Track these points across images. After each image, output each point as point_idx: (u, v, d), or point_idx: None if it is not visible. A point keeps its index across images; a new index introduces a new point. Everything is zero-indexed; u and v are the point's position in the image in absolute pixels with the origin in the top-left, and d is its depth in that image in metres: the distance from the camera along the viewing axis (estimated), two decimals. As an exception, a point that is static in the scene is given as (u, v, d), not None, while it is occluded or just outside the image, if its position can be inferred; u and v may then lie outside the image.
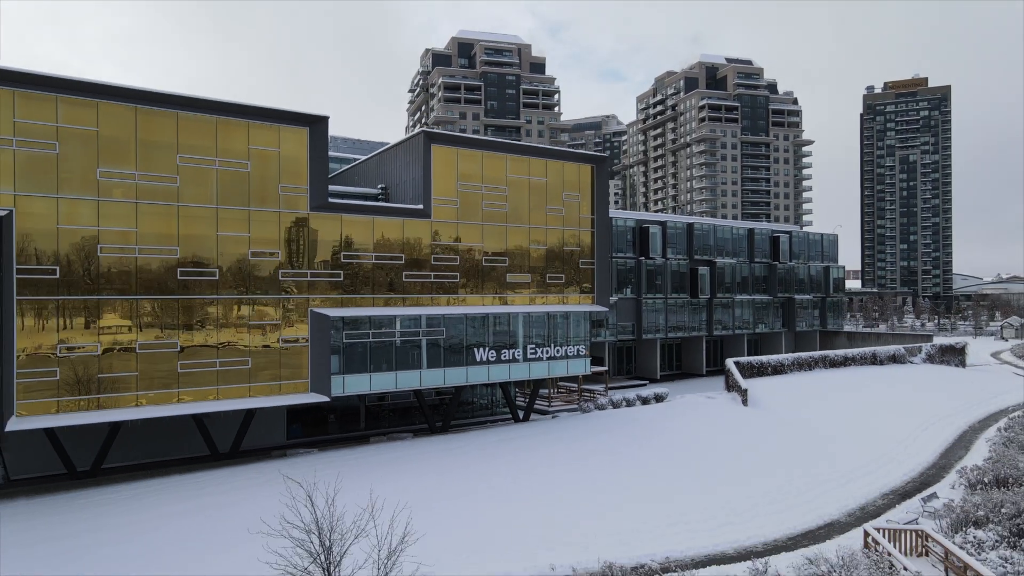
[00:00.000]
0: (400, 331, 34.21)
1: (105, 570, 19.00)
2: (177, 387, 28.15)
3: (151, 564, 19.43)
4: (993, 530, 22.28)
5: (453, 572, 18.43)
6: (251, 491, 25.63)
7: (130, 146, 27.13)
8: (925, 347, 67.85)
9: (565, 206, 40.90)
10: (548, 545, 20.61)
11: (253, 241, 30.02)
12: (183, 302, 28.43)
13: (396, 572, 13.99)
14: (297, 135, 30.84)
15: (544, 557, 19.40)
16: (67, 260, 26.00)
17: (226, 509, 23.63)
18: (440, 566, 18.36)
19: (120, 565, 19.37)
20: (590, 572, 18.40)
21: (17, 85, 24.91)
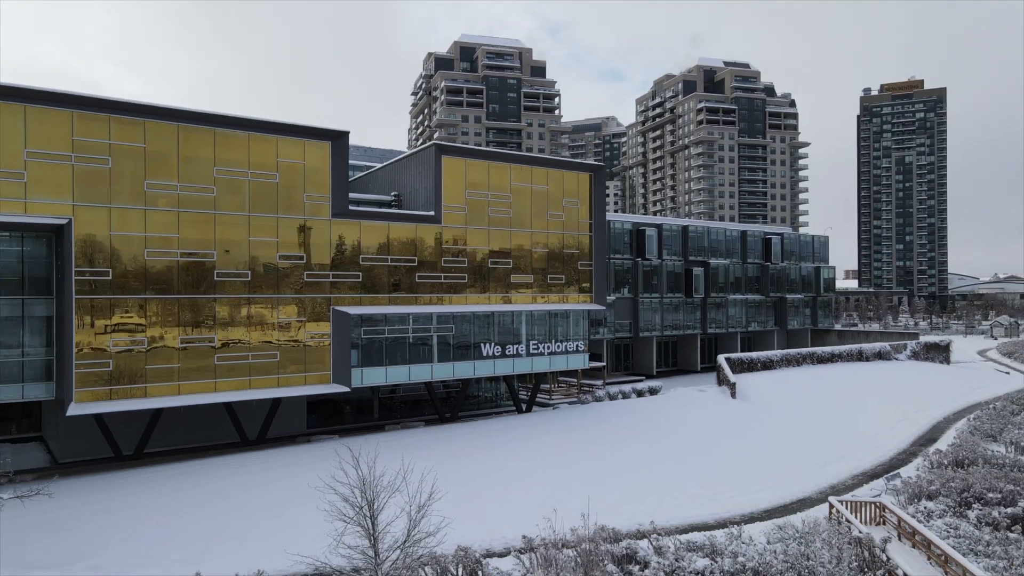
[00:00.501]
0: (413, 328, 37.19)
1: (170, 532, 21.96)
2: (214, 378, 31.13)
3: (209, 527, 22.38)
4: (943, 502, 25.24)
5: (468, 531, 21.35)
6: (286, 469, 28.61)
7: (173, 160, 30.10)
8: (910, 344, 70.79)
9: (565, 211, 43.87)
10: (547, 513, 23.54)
11: (281, 245, 32.99)
12: (220, 300, 31.39)
13: (424, 523, 16.91)
14: (320, 148, 33.81)
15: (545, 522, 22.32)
16: (118, 263, 28.97)
17: (268, 483, 26.60)
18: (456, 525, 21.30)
19: (179, 527, 22.33)
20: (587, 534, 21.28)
21: (75, 107, 27.88)
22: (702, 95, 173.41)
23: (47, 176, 27.40)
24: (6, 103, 26.74)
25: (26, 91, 27.03)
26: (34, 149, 27.21)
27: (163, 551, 20.70)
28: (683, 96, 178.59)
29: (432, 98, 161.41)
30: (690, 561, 20.01)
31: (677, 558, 20.23)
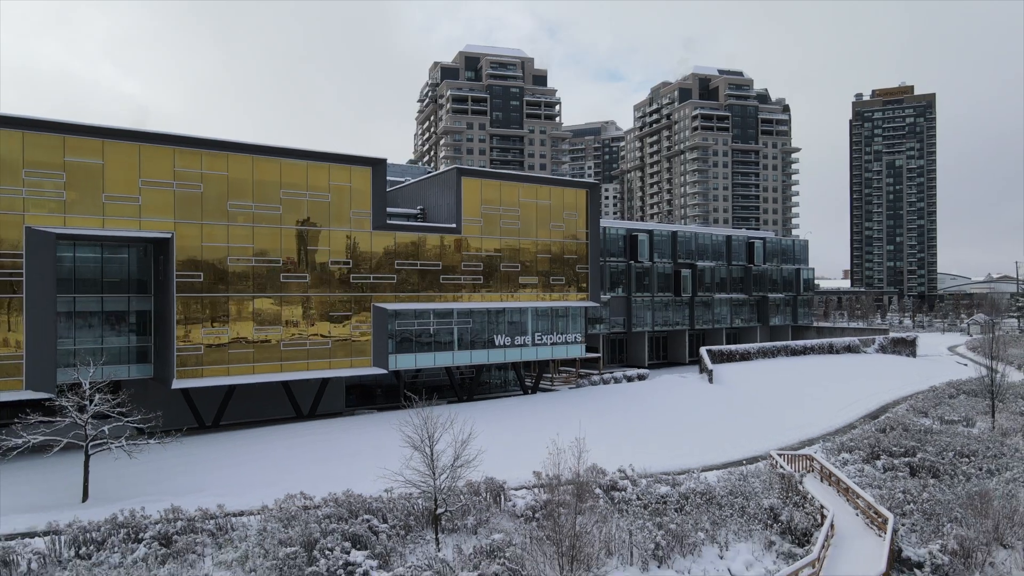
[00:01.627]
0: (436, 321, 44.42)
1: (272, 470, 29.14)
2: (280, 360, 38.36)
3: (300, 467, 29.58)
4: (857, 454, 32.46)
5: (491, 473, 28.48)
6: (347, 431, 35.89)
7: (248, 185, 37.33)
8: (878, 339, 78.00)
9: (565, 222, 51.09)
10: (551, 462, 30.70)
11: (332, 253, 40.23)
12: (284, 298, 38.61)
13: (465, 454, 24.02)
14: (363, 173, 41.03)
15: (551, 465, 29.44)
16: (207, 268, 36.20)
17: (333, 442, 33.84)
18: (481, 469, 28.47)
19: (275, 468, 29.52)
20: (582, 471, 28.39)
21: (176, 144, 35.10)
22: (697, 102, 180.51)
23: (156, 200, 34.62)
24: (124, 143, 33.96)
25: (141, 133, 34.29)
26: (147, 178, 34.44)
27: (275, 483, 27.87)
28: (679, 103, 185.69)
29: (438, 106, 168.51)
30: (656, 489, 27.23)
31: (647, 487, 27.45)
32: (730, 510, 25.86)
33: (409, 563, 21.14)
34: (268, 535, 22.14)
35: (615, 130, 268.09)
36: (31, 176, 31.73)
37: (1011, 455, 34.18)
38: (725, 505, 26.28)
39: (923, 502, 26.61)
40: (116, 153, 33.68)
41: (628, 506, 26.36)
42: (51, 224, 31.99)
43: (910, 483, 28.82)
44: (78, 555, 21.26)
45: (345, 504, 24.29)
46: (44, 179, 32.02)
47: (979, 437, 37.61)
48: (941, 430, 39.06)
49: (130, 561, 20.89)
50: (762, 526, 25.22)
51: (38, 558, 20.87)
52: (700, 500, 26.54)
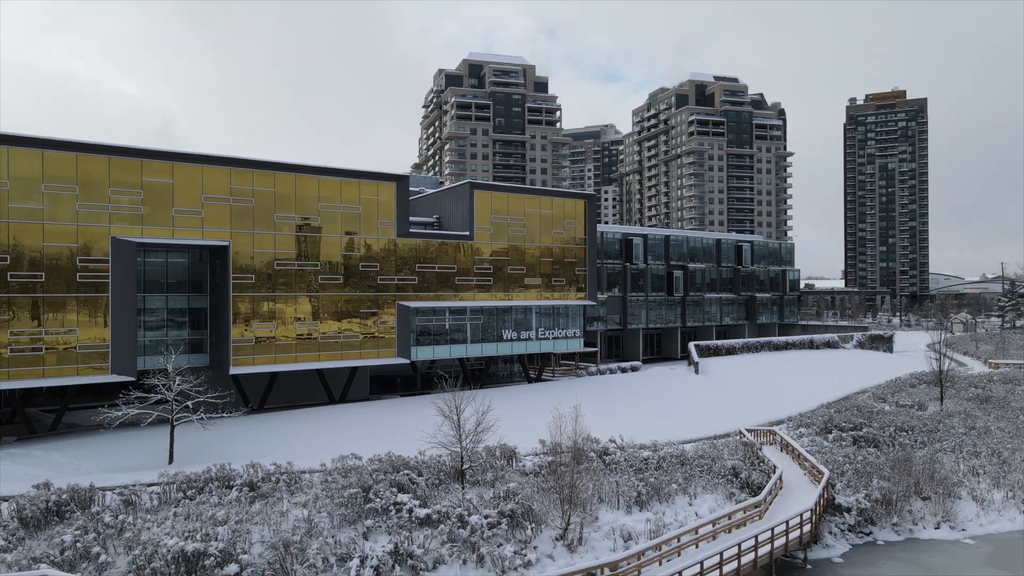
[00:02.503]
0: (452, 317, 50.29)
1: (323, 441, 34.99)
2: (318, 351, 44.25)
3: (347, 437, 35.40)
4: (813, 429, 38.35)
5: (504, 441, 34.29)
6: (375, 413, 41.75)
7: (292, 199, 43.21)
8: (857, 335, 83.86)
9: (565, 229, 56.98)
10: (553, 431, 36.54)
11: (362, 258, 46.10)
12: (322, 297, 44.50)
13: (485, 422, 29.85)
14: (389, 187, 46.92)
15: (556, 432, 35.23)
16: (257, 272, 42.07)
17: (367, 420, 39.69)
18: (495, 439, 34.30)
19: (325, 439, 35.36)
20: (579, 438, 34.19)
21: (232, 166, 40.97)
22: (693, 108, 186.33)
23: (215, 212, 40.51)
24: (190, 165, 39.85)
25: (203, 156, 40.20)
26: (208, 194, 40.33)
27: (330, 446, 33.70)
28: (676, 108, 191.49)
29: (442, 111, 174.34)
30: (640, 453, 33.10)
31: (633, 452, 33.32)
32: (699, 469, 31.76)
33: (442, 503, 26.98)
34: (331, 483, 28.04)
35: (614, 133, 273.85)
36: (116, 194, 37.61)
37: (945, 431, 40.09)
38: (696, 465, 32.17)
39: (858, 463, 32.49)
40: (183, 173, 39.56)
41: (617, 466, 32.25)
42: (132, 234, 37.87)
43: (850, 450, 34.73)
44: (185, 496, 27.12)
45: (388, 462, 30.15)
46: (126, 196, 37.91)
47: (924, 417, 43.53)
48: (894, 412, 44.99)
49: (226, 501, 26.76)
50: (725, 481, 31.09)
51: (154, 498, 26.75)
52: (675, 462, 32.46)
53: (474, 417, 30.00)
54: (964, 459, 35.49)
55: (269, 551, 23.02)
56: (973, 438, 39.29)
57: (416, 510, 26.08)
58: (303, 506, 26.54)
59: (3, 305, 34.79)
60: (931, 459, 34.30)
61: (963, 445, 37.76)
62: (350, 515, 25.75)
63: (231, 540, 23.11)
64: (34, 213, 35.43)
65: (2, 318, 34.79)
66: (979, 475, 33.42)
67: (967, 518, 29.90)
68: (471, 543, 24.47)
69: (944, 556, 27.03)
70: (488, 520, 25.60)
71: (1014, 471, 33.95)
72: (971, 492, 31.73)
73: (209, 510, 25.53)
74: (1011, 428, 42.53)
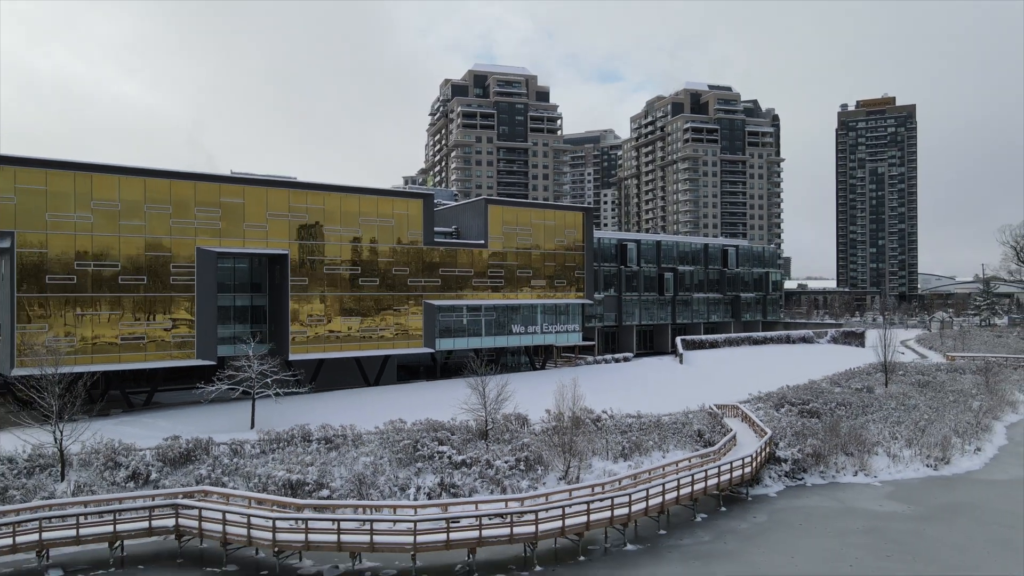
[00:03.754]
0: (469, 313, 58.78)
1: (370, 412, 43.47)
2: (359, 342, 52.76)
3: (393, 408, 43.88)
4: (768, 403, 46.83)
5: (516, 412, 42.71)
6: (406, 393, 50.23)
7: (338, 213, 51.75)
8: (831, 332, 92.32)
9: (566, 237, 65.49)
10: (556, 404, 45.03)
11: (395, 263, 54.62)
12: (362, 296, 53.00)
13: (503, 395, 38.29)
14: (417, 203, 55.44)
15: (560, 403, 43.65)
16: (311, 274, 50.58)
17: (401, 398, 48.19)
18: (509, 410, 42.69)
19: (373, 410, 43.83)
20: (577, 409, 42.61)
21: (292, 187, 49.50)
22: (688, 116, 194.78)
23: (277, 226, 49.04)
24: (257, 187, 48.37)
25: (268, 180, 48.75)
26: (272, 211, 48.88)
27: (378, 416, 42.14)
28: (672, 116, 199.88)
29: (448, 120, 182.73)
30: (625, 420, 41.60)
31: (619, 420, 41.83)
32: (672, 432, 40.30)
33: (472, 453, 35.45)
34: (386, 439, 36.56)
35: (613, 138, 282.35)
36: (200, 212, 46.15)
37: (879, 406, 48.61)
38: (669, 429, 40.70)
39: (798, 428, 40.98)
40: (252, 194, 48.10)
41: (607, 430, 40.77)
42: (212, 244, 46.40)
43: (795, 419, 43.25)
44: (276, 448, 35.61)
45: (428, 425, 38.65)
46: (208, 214, 46.45)
47: (867, 397, 52.01)
48: (843, 393, 53.47)
49: (307, 451, 35.26)
50: (692, 441, 39.60)
51: (255, 448, 35.26)
52: (653, 427, 40.97)
53: (495, 390, 38.52)
54: (888, 427, 43.98)
55: (348, 483, 31.52)
56: (901, 412, 47.80)
57: (453, 457, 34.60)
58: (368, 455, 35.04)
59: (115, 303, 43.33)
60: (860, 426, 42.82)
61: (890, 416, 46.27)
62: (404, 460, 34.30)
63: (319, 475, 31.62)
64: (138, 228, 43.96)
65: (114, 313, 43.33)
66: (897, 439, 41.88)
67: (880, 468, 38.35)
68: (496, 479, 32.98)
69: (855, 494, 35.46)
70: (508, 464, 34.11)
71: (926, 435, 42.40)
72: (887, 450, 40.20)
73: (297, 456, 34.03)
74: (937, 405, 51.06)
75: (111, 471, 31.73)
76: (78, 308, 42.15)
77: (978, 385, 61.15)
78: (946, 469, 39.14)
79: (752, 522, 31.12)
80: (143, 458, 32.90)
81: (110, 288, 43.17)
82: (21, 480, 30.43)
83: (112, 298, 43.23)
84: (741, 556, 27.03)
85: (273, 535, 24.51)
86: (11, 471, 31.03)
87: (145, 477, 31.56)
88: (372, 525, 24.88)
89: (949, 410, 49.87)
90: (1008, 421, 52.88)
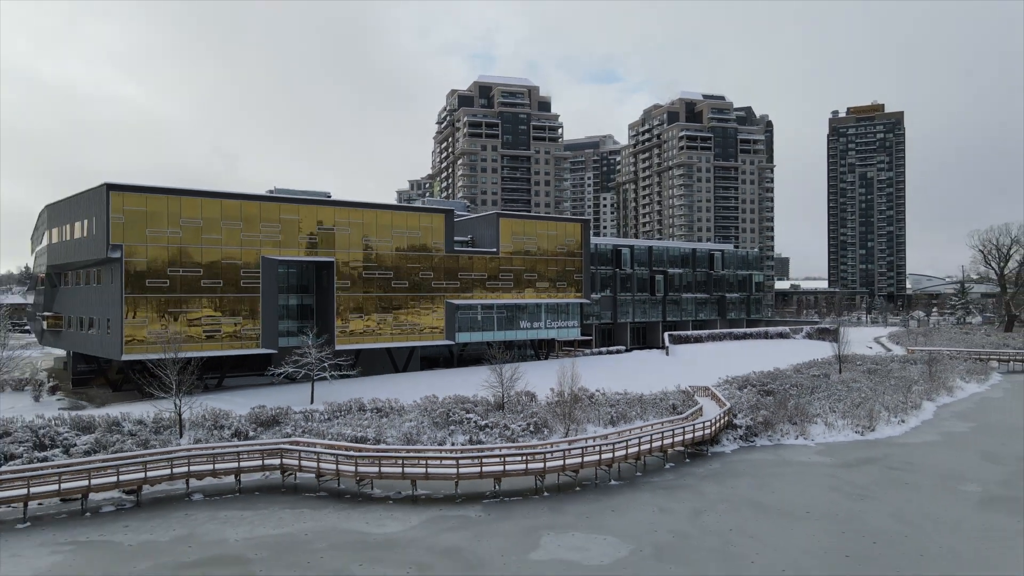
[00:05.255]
0: (482, 311, 68.51)
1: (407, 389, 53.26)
2: (391, 334, 62.51)
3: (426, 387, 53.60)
4: (733, 385, 56.57)
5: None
6: (432, 378, 59.98)
7: (375, 227, 61.49)
8: (806, 328, 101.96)
9: (566, 244, 75.24)
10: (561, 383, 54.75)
11: (421, 268, 64.39)
12: (391, 296, 62.75)
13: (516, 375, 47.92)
14: (440, 217, 65.20)
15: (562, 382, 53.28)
16: (352, 279, 60.31)
17: (429, 380, 57.95)
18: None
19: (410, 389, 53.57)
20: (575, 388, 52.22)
21: (337, 206, 59.24)
22: (684, 124, 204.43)
23: (325, 237, 58.79)
24: (310, 206, 58.10)
25: (319, 200, 58.48)
26: (321, 225, 58.63)
27: (413, 394, 51.83)
28: (667, 124, 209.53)
29: (455, 128, 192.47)
30: (614, 397, 51.36)
31: (610, 397, 51.59)
32: (651, 405, 50.02)
33: (492, 419, 45.13)
34: (424, 409, 46.29)
35: (613, 143, 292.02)
36: (264, 226, 55.91)
37: (826, 388, 58.29)
38: (649, 404, 50.44)
39: (754, 403, 50.68)
40: (305, 212, 57.89)
41: (599, 404, 50.50)
42: (273, 254, 56.14)
43: (754, 397, 53.01)
44: (338, 416, 45.32)
45: (456, 399, 48.36)
46: (270, 227, 56.21)
47: (820, 381, 61.68)
48: (800, 377, 63.13)
49: (363, 418, 44.96)
50: (668, 412, 49.29)
51: (323, 416, 45.00)
52: (636, 402, 50.70)
53: (510, 373, 48.28)
54: (829, 403, 53.68)
55: (398, 440, 41.23)
56: (844, 392, 57.52)
57: (478, 422, 44.33)
58: (411, 420, 44.78)
59: (198, 302, 53.12)
60: (807, 402, 52.54)
61: (833, 395, 55.99)
62: (440, 424, 44.04)
63: (376, 434, 41.36)
64: (216, 241, 53.74)
65: (198, 310, 53.12)
66: (834, 411, 51.59)
67: (817, 434, 47.99)
68: (512, 438, 42.69)
69: (793, 452, 45.11)
70: (520, 427, 43.84)
71: (859, 410, 52.08)
72: (824, 420, 49.88)
73: (356, 421, 43.77)
74: (879, 388, 60.75)
75: (218, 431, 41.47)
76: (170, 306, 51.93)
77: (923, 374, 70.78)
78: (871, 435, 48.78)
79: (708, 469, 40.80)
80: (239, 421, 42.64)
81: (194, 290, 52.96)
82: (153, 436, 40.17)
83: (196, 298, 53.03)
84: (696, 488, 36.70)
85: (355, 468, 34.21)
86: (144, 430, 40.80)
87: (244, 434, 41.27)
88: (427, 461, 34.61)
89: (888, 392, 59.53)
90: (941, 402, 62.50)
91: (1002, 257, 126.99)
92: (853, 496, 34.99)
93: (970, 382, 72.88)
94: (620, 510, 32.61)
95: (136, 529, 29.79)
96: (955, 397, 65.85)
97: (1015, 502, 33.75)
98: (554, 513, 32.06)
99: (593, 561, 26.39)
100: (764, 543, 28.15)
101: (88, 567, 25.98)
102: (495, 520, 31.02)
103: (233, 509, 32.50)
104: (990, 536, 29.22)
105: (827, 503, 33.70)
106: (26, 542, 28.29)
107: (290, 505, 33.16)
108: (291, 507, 32.79)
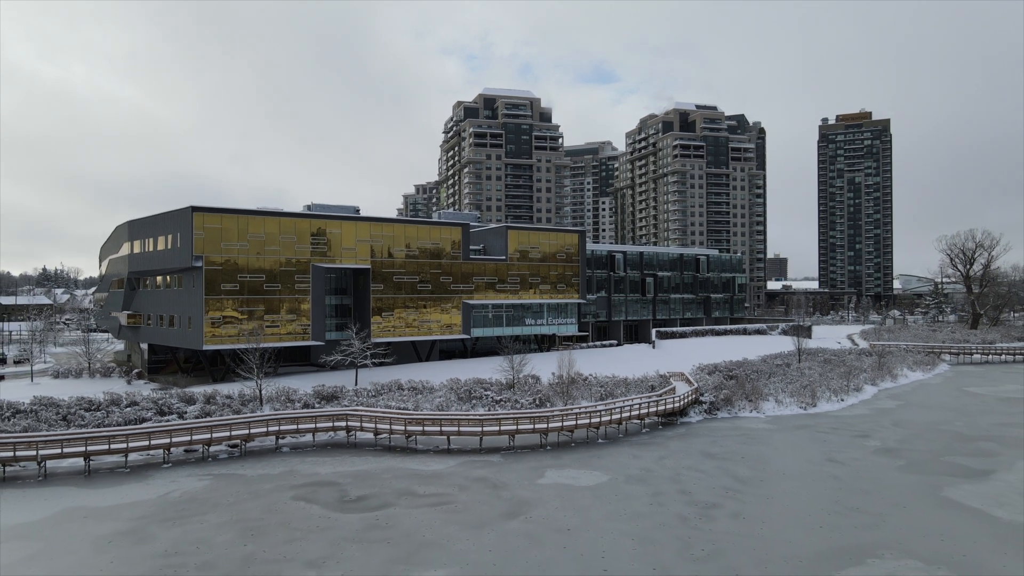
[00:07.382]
0: (493, 310, 79.82)
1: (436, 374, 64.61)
2: (417, 329, 73.86)
3: (447, 373, 64.95)
4: (703, 371, 67.85)
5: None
6: (451, 365, 71.29)
7: (403, 239, 72.81)
8: (781, 325, 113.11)
9: (566, 252, 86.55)
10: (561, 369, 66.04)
11: (442, 273, 75.72)
12: (416, 296, 74.07)
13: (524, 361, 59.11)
14: (457, 230, 76.51)
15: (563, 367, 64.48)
16: (385, 283, 71.63)
17: (449, 368, 69.23)
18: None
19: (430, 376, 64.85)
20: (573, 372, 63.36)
21: (372, 221, 70.56)
22: (677, 133, 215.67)
23: (362, 248, 70.12)
24: (349, 222, 69.45)
25: (357, 217, 69.82)
26: (359, 238, 69.93)
27: (439, 378, 63.07)
28: (662, 133, 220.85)
29: (461, 138, 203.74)
30: (604, 380, 62.66)
31: (601, 379, 62.90)
32: (633, 385, 61.32)
33: (505, 396, 56.35)
34: (450, 388, 57.59)
35: (611, 149, 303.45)
36: (313, 239, 67.22)
37: (783, 374, 69.57)
38: (631, 384, 61.75)
39: (718, 384, 61.93)
40: (347, 227, 69.22)
41: (591, 385, 61.82)
42: (321, 262, 67.44)
43: (718, 379, 64.32)
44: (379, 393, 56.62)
45: (475, 381, 59.64)
46: (318, 240, 67.52)
47: (779, 368, 72.92)
48: (763, 365, 74.35)
49: (402, 395, 56.22)
50: (648, 391, 60.54)
51: (369, 392, 56.31)
52: (622, 383, 62.02)
53: (519, 360, 59.62)
54: (782, 385, 64.94)
55: (432, 410, 52.51)
56: (797, 377, 68.75)
57: (494, 397, 55.61)
58: (440, 396, 56.04)
59: (262, 303, 64.46)
60: (763, 385, 63.79)
61: (787, 379, 67.25)
62: (464, 399, 55.32)
63: (414, 406, 52.64)
64: (274, 251, 65.06)
65: (261, 309, 64.46)
66: (784, 392, 62.84)
67: (768, 409, 59.20)
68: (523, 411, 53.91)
69: (747, 422, 56.31)
70: (528, 402, 55.11)
71: (805, 390, 63.32)
72: (775, 398, 61.11)
73: (397, 397, 55.07)
74: (827, 373, 71.97)
75: (290, 403, 52.75)
76: (240, 306, 63.27)
77: (874, 364, 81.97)
78: (812, 410, 60.00)
79: (675, 432, 52.07)
80: (305, 396, 53.95)
81: (258, 292, 64.29)
82: (242, 407, 51.44)
83: (259, 299, 64.37)
84: (663, 444, 47.94)
85: (405, 427, 45.48)
86: (234, 402, 52.13)
87: (311, 406, 52.54)
88: (459, 422, 45.90)
89: (835, 377, 70.74)
90: (883, 387, 73.69)
91: (967, 260, 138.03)
92: (780, 449, 46.26)
93: (916, 371, 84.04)
94: (604, 456, 43.94)
95: (251, 467, 41.13)
96: (898, 383, 76.99)
97: (898, 451, 45.06)
98: (555, 458, 43.37)
99: (582, 484, 37.69)
100: (704, 474, 39.46)
101: (229, 487, 37.29)
102: (511, 462, 42.34)
103: (316, 456, 43.83)
104: (871, 470, 40.50)
105: (757, 453, 45.02)
106: (177, 474, 39.65)
107: (356, 454, 44.48)
108: (358, 455, 44.12)
